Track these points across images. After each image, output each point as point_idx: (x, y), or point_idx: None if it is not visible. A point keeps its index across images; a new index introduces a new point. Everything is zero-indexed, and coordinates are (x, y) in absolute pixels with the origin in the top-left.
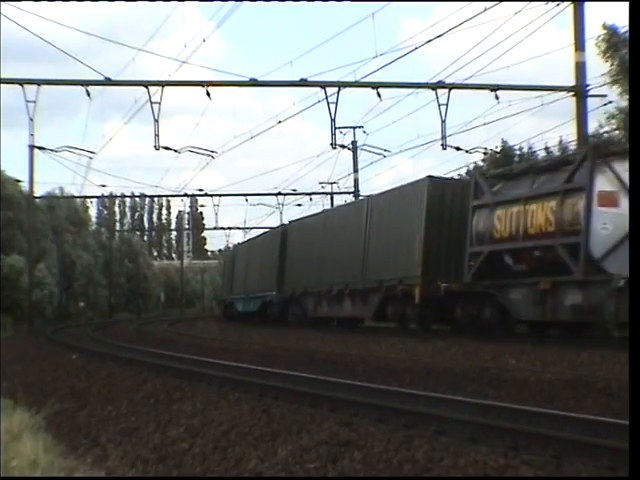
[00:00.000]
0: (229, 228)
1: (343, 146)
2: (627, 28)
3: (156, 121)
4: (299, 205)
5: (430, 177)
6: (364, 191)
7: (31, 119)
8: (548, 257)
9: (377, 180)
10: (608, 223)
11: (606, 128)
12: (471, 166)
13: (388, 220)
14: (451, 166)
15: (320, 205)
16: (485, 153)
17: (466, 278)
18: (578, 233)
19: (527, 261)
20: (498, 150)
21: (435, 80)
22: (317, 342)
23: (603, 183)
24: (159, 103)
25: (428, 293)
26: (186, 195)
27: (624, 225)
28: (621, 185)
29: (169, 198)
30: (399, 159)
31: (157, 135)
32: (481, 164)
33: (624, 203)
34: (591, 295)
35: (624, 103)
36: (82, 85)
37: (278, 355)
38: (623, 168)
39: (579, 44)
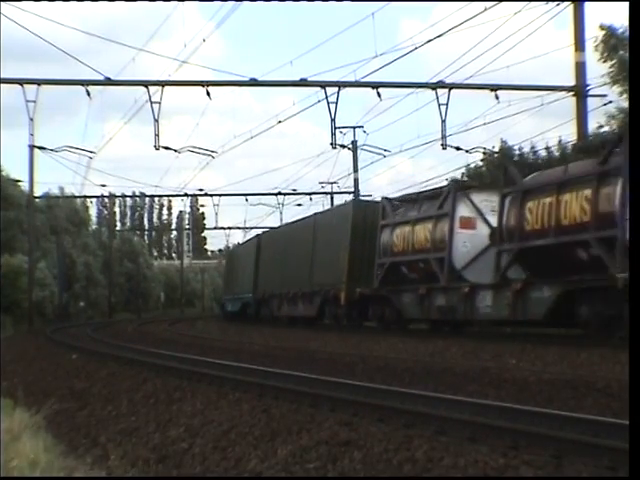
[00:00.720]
0: (229, 228)
1: (343, 146)
2: (625, 28)
3: (156, 121)
4: (299, 205)
5: (354, 200)
6: (364, 191)
7: (31, 119)
8: (427, 268)
9: (377, 180)
10: (467, 242)
11: (606, 128)
12: (472, 165)
13: (327, 235)
14: (451, 166)
15: (320, 205)
16: (485, 153)
17: (375, 284)
18: (445, 249)
19: (416, 271)
20: (497, 150)
21: (435, 80)
22: (317, 342)
23: (463, 210)
24: (159, 103)
25: (351, 296)
26: (186, 195)
27: (480, 243)
28: (477, 212)
29: (170, 198)
30: (399, 159)
31: (157, 135)
32: (480, 164)
33: (480, 226)
34: (450, 298)
35: (624, 103)
36: (82, 85)
37: (278, 355)
38: (479, 199)
39: (579, 44)
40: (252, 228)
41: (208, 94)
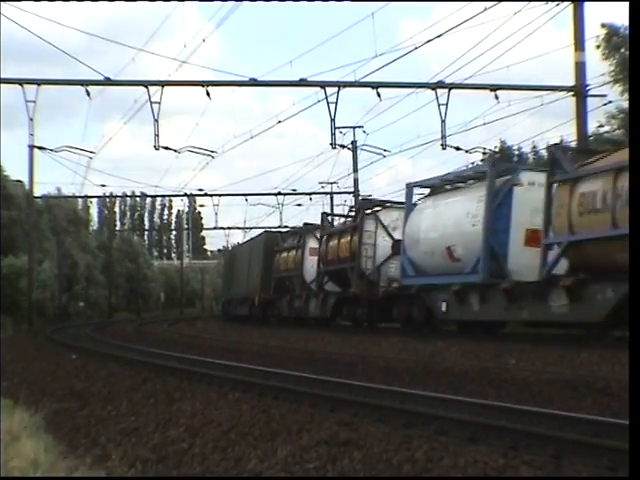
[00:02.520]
0: (228, 228)
1: (343, 146)
2: (627, 27)
3: (156, 121)
4: (299, 205)
5: (266, 231)
6: (364, 191)
7: (31, 119)
8: (291, 283)
9: (377, 180)
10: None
11: (606, 128)
12: (469, 165)
13: (253, 255)
14: (450, 166)
15: (320, 205)
16: (484, 153)
17: (270, 293)
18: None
19: (291, 283)
20: (497, 150)
21: (435, 80)
22: (317, 342)
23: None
24: (159, 103)
25: (261, 300)
26: (186, 195)
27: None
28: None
29: (170, 198)
30: (399, 159)
31: (157, 135)
32: (480, 164)
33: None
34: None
35: (624, 103)
36: (82, 85)
37: (278, 355)
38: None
39: (579, 44)
40: (252, 228)
41: (208, 94)
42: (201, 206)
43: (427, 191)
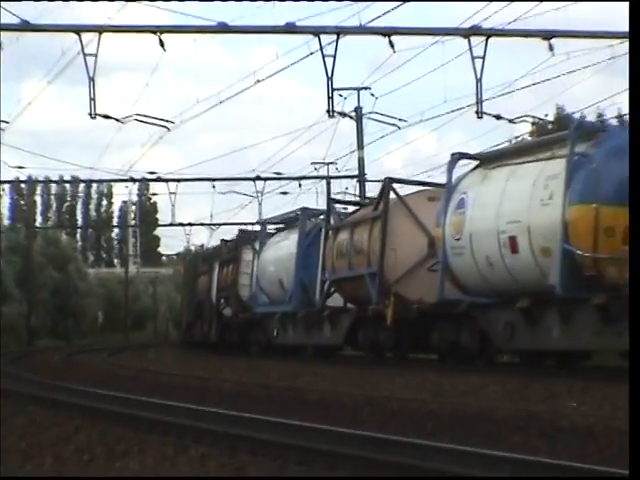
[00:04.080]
0: (190, 225)
1: (344, 114)
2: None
3: (92, 80)
4: (284, 193)
5: (193, 254)
6: (372, 174)
7: None
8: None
9: (389, 160)
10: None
11: None
12: (514, 140)
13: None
14: (488, 141)
15: (313, 193)
16: (534, 123)
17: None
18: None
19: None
20: (551, 119)
21: (468, 25)
22: (308, 377)
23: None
24: (95, 56)
25: (188, 321)
26: (132, 180)
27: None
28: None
29: (111, 184)
30: (419, 131)
31: (93, 99)
32: (528, 138)
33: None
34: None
35: None
36: None
37: (256, 395)
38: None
39: None
40: (221, 225)
41: (161, 44)
42: (153, 195)
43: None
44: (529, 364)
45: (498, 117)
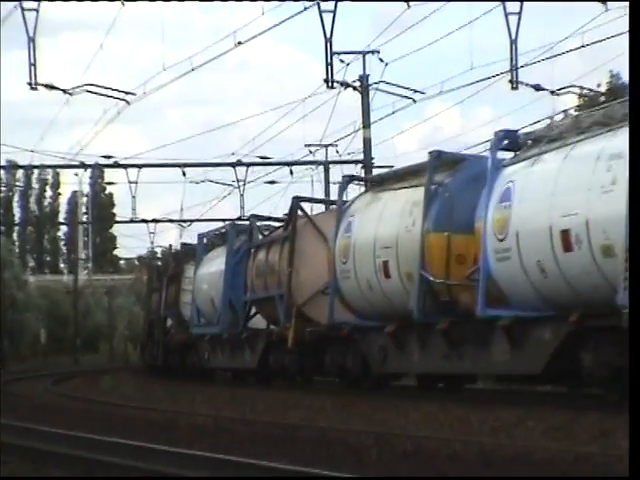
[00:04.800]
0: (155, 221)
1: (346, 84)
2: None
3: (32, 41)
4: (272, 182)
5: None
6: (381, 159)
7: None
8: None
9: (402, 140)
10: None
11: None
12: (557, 117)
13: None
14: (525, 117)
15: (307, 182)
16: (582, 95)
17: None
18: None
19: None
20: (603, 89)
21: None
22: (302, 411)
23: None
24: (36, 11)
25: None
26: (83, 166)
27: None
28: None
29: (57, 170)
30: (438, 106)
31: (33, 65)
32: (575, 113)
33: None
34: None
35: None
36: None
37: (238, 433)
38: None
39: None
40: (194, 221)
41: None
42: (109, 184)
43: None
44: (422, 388)
45: (537, 88)
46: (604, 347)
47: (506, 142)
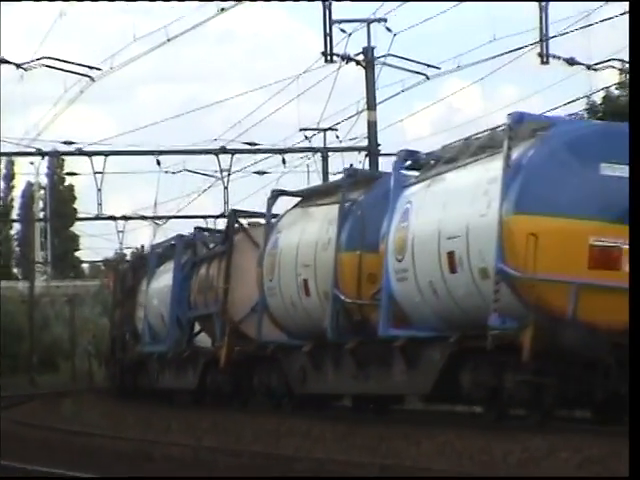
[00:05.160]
0: (125, 218)
1: (348, 58)
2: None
3: None
4: (261, 173)
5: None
6: (389, 145)
7: None
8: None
9: (413, 124)
10: None
11: None
12: (596, 97)
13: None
14: (557, 96)
15: (302, 172)
16: (623, 70)
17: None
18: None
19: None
20: None
21: None
22: (297, 440)
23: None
24: None
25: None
26: (40, 154)
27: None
28: None
29: (10, 158)
30: (456, 83)
31: None
32: (616, 92)
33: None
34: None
35: None
36: None
37: (221, 466)
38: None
39: None
40: (171, 218)
41: None
42: (71, 174)
43: None
44: (354, 410)
45: (571, 62)
46: (482, 368)
47: (408, 162)
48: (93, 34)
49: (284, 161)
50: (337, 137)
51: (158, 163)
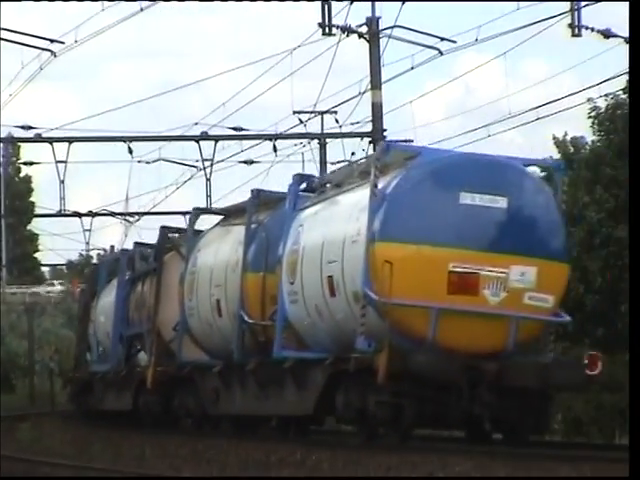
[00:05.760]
0: (92, 214)
1: (349, 30)
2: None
3: None
4: (249, 162)
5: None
6: (396, 130)
7: None
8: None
9: (424, 106)
10: None
11: None
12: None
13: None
14: (591, 73)
15: (297, 163)
16: None
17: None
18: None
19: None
20: None
21: None
22: (290, 471)
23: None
24: None
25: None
26: None
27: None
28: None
29: None
30: (474, 59)
31: None
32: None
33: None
34: None
35: None
36: None
37: None
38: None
39: None
40: (145, 215)
41: None
42: (28, 164)
43: None
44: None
45: (607, 34)
46: (350, 389)
47: (303, 185)
48: (55, 2)
49: (275, 149)
50: (336, 121)
51: (130, 151)
